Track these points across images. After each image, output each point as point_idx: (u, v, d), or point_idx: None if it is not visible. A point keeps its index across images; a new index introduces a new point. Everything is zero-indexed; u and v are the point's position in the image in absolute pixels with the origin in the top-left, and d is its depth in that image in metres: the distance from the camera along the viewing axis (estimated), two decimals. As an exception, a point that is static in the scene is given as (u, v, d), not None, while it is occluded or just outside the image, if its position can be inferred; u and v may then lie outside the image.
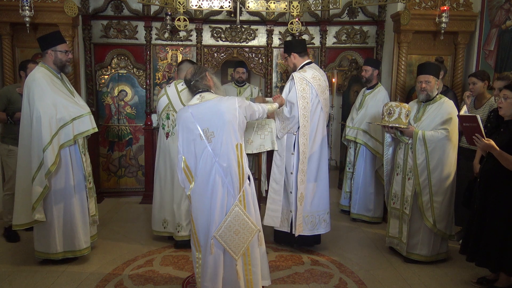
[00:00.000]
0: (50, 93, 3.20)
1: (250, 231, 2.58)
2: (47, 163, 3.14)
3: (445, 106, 3.47)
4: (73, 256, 3.41)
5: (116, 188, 5.54)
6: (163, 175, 3.80)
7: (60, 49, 3.31)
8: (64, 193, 3.31)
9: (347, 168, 4.85)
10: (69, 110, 3.25)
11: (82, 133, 3.34)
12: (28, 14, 4.06)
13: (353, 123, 4.71)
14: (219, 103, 2.54)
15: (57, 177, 3.27)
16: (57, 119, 3.20)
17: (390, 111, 3.50)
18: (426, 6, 4.56)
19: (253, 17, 5.36)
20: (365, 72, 4.63)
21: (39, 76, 3.23)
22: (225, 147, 2.50)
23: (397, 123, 3.47)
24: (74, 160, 3.35)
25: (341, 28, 5.46)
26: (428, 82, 3.47)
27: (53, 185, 3.27)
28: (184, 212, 3.66)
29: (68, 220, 3.33)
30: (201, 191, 2.53)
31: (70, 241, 3.36)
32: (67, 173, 3.31)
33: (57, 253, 3.34)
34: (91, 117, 3.40)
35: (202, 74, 2.64)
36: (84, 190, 3.42)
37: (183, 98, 3.67)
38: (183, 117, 2.55)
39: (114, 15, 5.26)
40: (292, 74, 3.63)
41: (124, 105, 5.43)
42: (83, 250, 3.41)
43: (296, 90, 3.51)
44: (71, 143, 3.28)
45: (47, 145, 3.14)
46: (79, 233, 3.37)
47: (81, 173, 3.39)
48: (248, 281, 2.61)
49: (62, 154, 3.26)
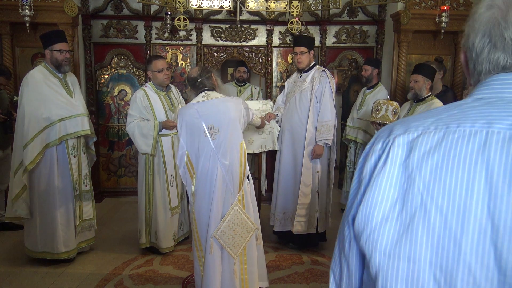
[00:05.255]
0: (39, 92, 3.20)
1: (249, 230, 2.58)
2: (25, 161, 3.14)
3: (433, 106, 3.48)
4: (51, 258, 3.36)
5: (116, 188, 5.54)
6: None
7: (55, 48, 3.28)
8: (46, 194, 3.30)
9: (348, 167, 4.85)
10: (57, 110, 3.24)
11: (70, 135, 3.30)
12: (28, 14, 4.06)
13: (353, 123, 4.71)
14: (225, 101, 2.56)
15: (41, 176, 3.28)
16: (43, 118, 3.19)
17: (378, 107, 3.54)
18: (426, 5, 4.56)
19: (253, 17, 5.35)
20: (365, 71, 4.64)
21: (32, 74, 3.25)
22: (229, 145, 2.50)
23: (384, 120, 3.49)
24: (61, 162, 3.33)
25: (341, 27, 5.45)
26: (416, 82, 3.50)
27: (37, 185, 3.28)
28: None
29: (48, 221, 3.32)
30: (203, 189, 2.53)
31: (49, 243, 3.33)
32: (51, 175, 3.30)
33: (37, 252, 3.36)
34: (84, 119, 3.36)
35: (208, 74, 2.66)
36: (71, 193, 3.37)
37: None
38: (188, 113, 2.55)
39: (114, 14, 5.26)
40: (321, 69, 3.69)
41: (124, 105, 5.42)
42: (61, 254, 3.34)
43: (331, 88, 3.64)
44: (56, 143, 3.26)
45: (28, 142, 3.15)
46: (59, 236, 3.32)
47: (68, 175, 3.34)
48: (243, 280, 2.61)
49: (48, 154, 3.25)
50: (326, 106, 3.60)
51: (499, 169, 0.57)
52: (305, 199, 3.63)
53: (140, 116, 3.51)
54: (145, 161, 3.58)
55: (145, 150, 3.50)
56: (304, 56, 3.67)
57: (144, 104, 3.52)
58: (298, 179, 3.66)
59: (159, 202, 3.59)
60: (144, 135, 3.47)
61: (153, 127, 3.47)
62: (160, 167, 3.58)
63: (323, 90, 3.61)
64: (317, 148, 3.61)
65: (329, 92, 3.63)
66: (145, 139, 3.48)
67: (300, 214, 3.62)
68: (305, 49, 3.65)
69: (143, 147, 3.50)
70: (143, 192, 3.61)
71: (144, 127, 3.47)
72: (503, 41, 0.66)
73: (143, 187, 3.60)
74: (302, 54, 3.66)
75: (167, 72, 3.63)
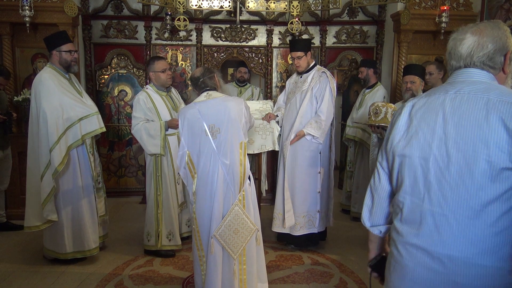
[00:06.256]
0: (57, 93, 3.21)
1: (249, 231, 2.58)
2: (54, 163, 3.15)
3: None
4: (83, 256, 3.42)
5: (116, 188, 5.54)
6: None
7: (64, 49, 3.30)
8: (72, 194, 3.32)
9: (348, 167, 4.85)
10: (76, 110, 3.26)
11: (90, 133, 3.34)
12: (28, 14, 4.06)
13: (352, 122, 4.72)
14: (226, 101, 2.56)
15: (64, 178, 3.29)
16: (64, 119, 3.20)
17: (377, 110, 3.53)
18: (426, 6, 4.57)
19: (253, 17, 5.35)
20: (361, 73, 4.68)
21: (45, 76, 3.24)
22: (229, 145, 2.50)
23: (383, 123, 3.49)
24: (82, 160, 3.36)
25: (341, 28, 5.46)
26: (413, 83, 3.54)
27: (61, 186, 3.28)
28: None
29: (77, 220, 3.34)
30: (204, 188, 2.53)
31: (79, 242, 3.36)
32: (75, 174, 3.32)
33: (67, 253, 3.35)
34: (99, 116, 3.40)
35: (211, 74, 2.67)
36: (92, 190, 3.42)
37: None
38: (189, 113, 2.55)
39: (114, 15, 5.26)
40: (322, 70, 3.68)
41: (124, 105, 5.43)
42: (92, 250, 3.41)
43: (331, 89, 3.63)
44: (79, 143, 3.29)
45: (54, 145, 3.15)
46: (88, 233, 3.37)
47: (89, 173, 3.40)
48: (242, 281, 2.61)
49: (70, 154, 3.27)
50: (323, 107, 3.61)
51: (448, 111, 1.24)
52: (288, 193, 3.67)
53: (145, 117, 3.49)
54: (153, 162, 3.54)
55: (154, 151, 3.48)
56: (301, 60, 3.67)
57: (148, 106, 3.50)
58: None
59: (171, 202, 3.58)
60: (152, 136, 3.45)
61: (159, 127, 3.46)
62: (169, 167, 3.56)
63: (323, 91, 3.61)
64: (300, 132, 3.60)
65: (329, 93, 3.63)
66: (153, 140, 3.46)
67: (287, 210, 3.64)
68: (301, 53, 3.65)
69: (151, 148, 3.47)
70: (151, 194, 3.57)
71: (151, 128, 3.45)
72: (456, 55, 1.34)
73: (151, 189, 3.56)
74: (299, 58, 3.67)
75: (169, 72, 3.64)
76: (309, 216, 3.70)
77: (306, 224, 3.70)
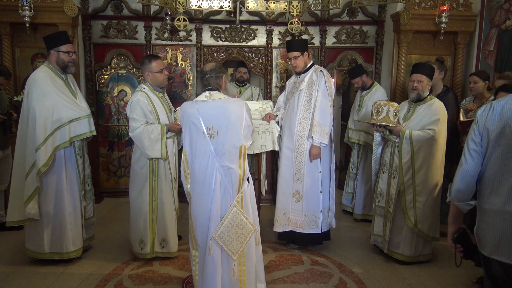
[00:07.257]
0: (49, 93, 3.19)
1: (248, 231, 2.58)
2: (38, 163, 3.14)
3: (434, 107, 3.45)
4: (60, 258, 3.38)
5: (116, 188, 5.54)
6: None
7: (63, 49, 3.29)
8: (55, 195, 3.30)
9: (351, 169, 4.85)
10: (67, 111, 3.24)
11: (79, 136, 3.32)
12: (28, 14, 4.06)
13: (354, 125, 4.72)
14: (227, 103, 2.53)
15: (48, 177, 3.27)
16: (53, 120, 3.19)
17: (379, 109, 3.52)
18: (426, 6, 4.57)
19: (253, 17, 5.35)
20: (356, 84, 4.72)
21: (40, 76, 3.23)
22: (227, 148, 2.49)
23: (385, 122, 3.48)
24: (69, 163, 3.34)
25: (341, 28, 5.46)
26: (420, 82, 3.46)
27: (45, 185, 3.27)
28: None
29: (57, 222, 3.32)
30: (200, 189, 2.53)
31: (58, 243, 3.34)
32: (60, 175, 3.30)
33: (44, 253, 3.35)
34: (90, 120, 3.38)
35: (220, 74, 2.63)
36: (78, 193, 3.39)
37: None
38: (189, 112, 2.55)
39: (114, 15, 5.26)
40: (319, 69, 3.66)
41: (123, 105, 5.42)
42: (70, 253, 3.37)
43: (328, 88, 3.59)
44: (66, 145, 3.26)
45: (40, 145, 3.14)
46: (68, 235, 3.34)
47: (75, 175, 3.37)
48: (241, 282, 2.60)
49: (57, 155, 3.25)
50: (321, 107, 3.58)
51: (505, 115, 1.72)
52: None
53: (146, 120, 3.35)
54: (150, 167, 3.40)
55: (155, 155, 3.35)
56: (298, 60, 3.67)
57: (150, 108, 3.36)
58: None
59: (168, 207, 3.46)
60: (153, 139, 3.32)
61: (160, 131, 3.35)
62: (166, 171, 3.45)
63: (318, 89, 3.59)
64: (313, 148, 3.60)
65: (324, 91, 3.59)
66: (154, 144, 3.32)
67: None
68: (297, 53, 3.65)
69: (152, 152, 3.33)
70: (146, 200, 3.40)
71: (152, 132, 3.31)
72: None
73: (146, 195, 3.41)
74: (296, 58, 3.66)
75: (166, 72, 3.55)
76: (311, 216, 3.70)
77: (310, 223, 3.70)
